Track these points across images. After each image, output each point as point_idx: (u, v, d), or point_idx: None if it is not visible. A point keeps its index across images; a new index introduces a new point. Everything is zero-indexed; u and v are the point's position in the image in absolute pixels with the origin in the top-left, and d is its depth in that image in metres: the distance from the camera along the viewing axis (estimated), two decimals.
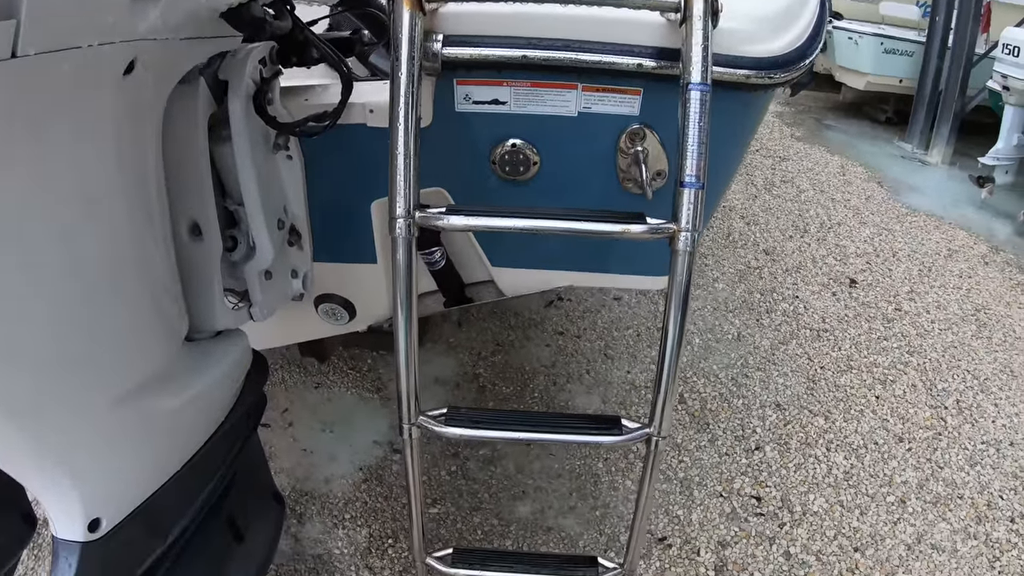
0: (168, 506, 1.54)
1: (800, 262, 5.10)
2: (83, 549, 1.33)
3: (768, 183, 6.56)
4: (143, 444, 1.43)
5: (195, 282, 1.66)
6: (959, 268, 4.88)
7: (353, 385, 3.87)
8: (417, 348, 1.74)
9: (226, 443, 1.73)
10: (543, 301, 4.66)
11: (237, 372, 1.75)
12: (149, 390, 1.41)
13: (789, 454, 3.46)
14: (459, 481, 3.35)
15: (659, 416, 1.77)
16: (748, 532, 3.09)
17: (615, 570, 2.03)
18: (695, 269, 1.70)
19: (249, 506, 1.90)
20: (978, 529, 3.04)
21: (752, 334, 4.34)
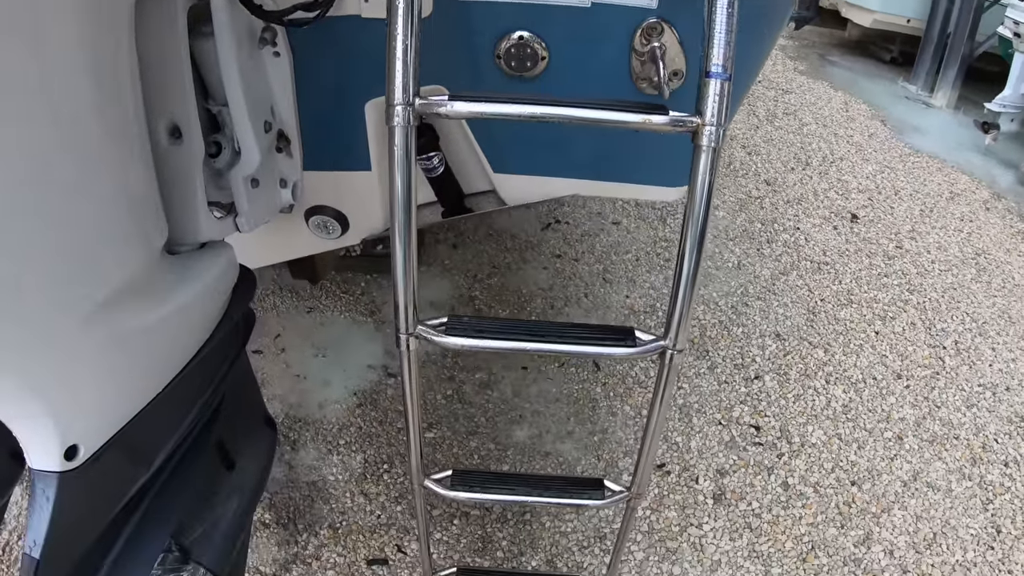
0: (151, 431, 1.36)
1: (801, 194, 4.87)
2: (61, 479, 1.16)
3: (770, 114, 6.27)
4: (120, 363, 1.24)
5: (176, 189, 1.45)
6: (960, 211, 4.68)
7: (346, 309, 3.66)
8: (416, 253, 1.50)
9: (212, 363, 1.54)
10: (540, 224, 4.43)
11: (222, 286, 1.54)
12: (124, 304, 1.21)
13: (788, 384, 3.30)
14: (455, 405, 3.18)
15: (675, 328, 1.53)
16: (747, 461, 2.95)
17: (622, 493, 1.84)
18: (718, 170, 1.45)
19: (239, 431, 1.71)
20: (973, 471, 2.92)
21: (752, 263, 4.14)
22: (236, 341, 1.65)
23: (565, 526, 2.73)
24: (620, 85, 1.89)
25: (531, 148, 2.09)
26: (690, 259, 1.48)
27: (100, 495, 1.29)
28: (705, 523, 2.74)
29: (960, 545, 2.64)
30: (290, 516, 2.69)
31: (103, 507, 1.32)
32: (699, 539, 2.69)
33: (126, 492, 1.34)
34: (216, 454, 1.55)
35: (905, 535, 2.68)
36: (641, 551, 2.66)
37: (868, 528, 2.70)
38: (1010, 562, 2.59)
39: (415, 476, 1.81)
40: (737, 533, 2.70)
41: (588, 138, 2.00)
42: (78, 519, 1.25)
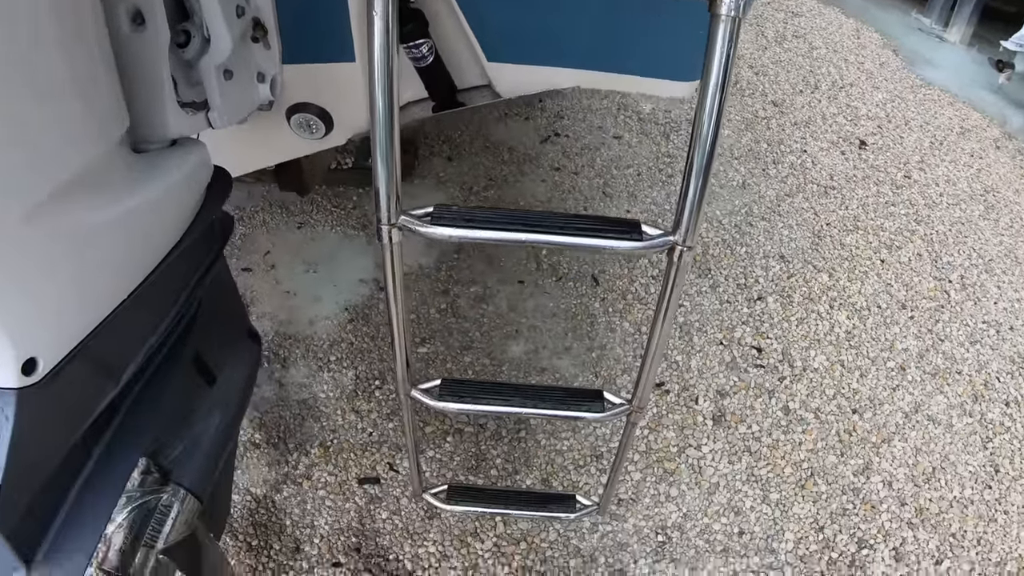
0: (118, 342, 1.17)
1: (809, 117, 4.60)
2: (19, 397, 0.99)
3: (779, 36, 5.90)
4: (79, 266, 1.06)
5: (140, 80, 1.23)
6: (971, 147, 4.43)
7: (337, 223, 3.43)
8: (399, 132, 1.24)
9: (184, 267, 1.34)
10: (539, 137, 4.16)
11: (193, 185, 1.33)
12: (77, 198, 1.03)
13: (792, 307, 3.13)
14: (449, 319, 2.99)
15: (685, 221, 1.30)
16: (747, 383, 2.80)
17: (623, 406, 1.66)
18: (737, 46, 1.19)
19: (219, 344, 1.52)
20: (974, 407, 2.79)
21: (757, 183, 3.91)
22: (211, 245, 1.43)
23: (561, 444, 2.60)
24: None
25: (528, 34, 1.84)
26: (704, 146, 1.24)
27: (64, 413, 1.11)
28: (704, 445, 2.61)
29: (958, 482, 2.53)
30: (280, 435, 2.54)
31: (68, 426, 1.13)
32: (697, 461, 2.56)
33: (93, 409, 1.15)
34: (194, 368, 1.35)
35: (904, 467, 2.56)
36: (638, 471, 2.53)
37: (868, 458, 2.58)
38: (1007, 503, 2.49)
39: (401, 385, 1.60)
40: (736, 456, 2.58)
41: (591, 24, 1.76)
42: (41, 439, 1.08)
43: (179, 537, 1.39)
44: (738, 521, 2.41)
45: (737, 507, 2.44)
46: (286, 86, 1.78)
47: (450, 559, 2.28)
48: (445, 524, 2.36)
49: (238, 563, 2.22)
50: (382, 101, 1.22)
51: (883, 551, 2.34)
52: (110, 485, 1.20)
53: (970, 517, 2.44)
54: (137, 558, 1.33)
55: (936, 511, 2.45)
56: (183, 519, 1.39)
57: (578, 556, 2.32)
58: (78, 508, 1.17)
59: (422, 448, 2.54)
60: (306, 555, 2.25)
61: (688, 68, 1.82)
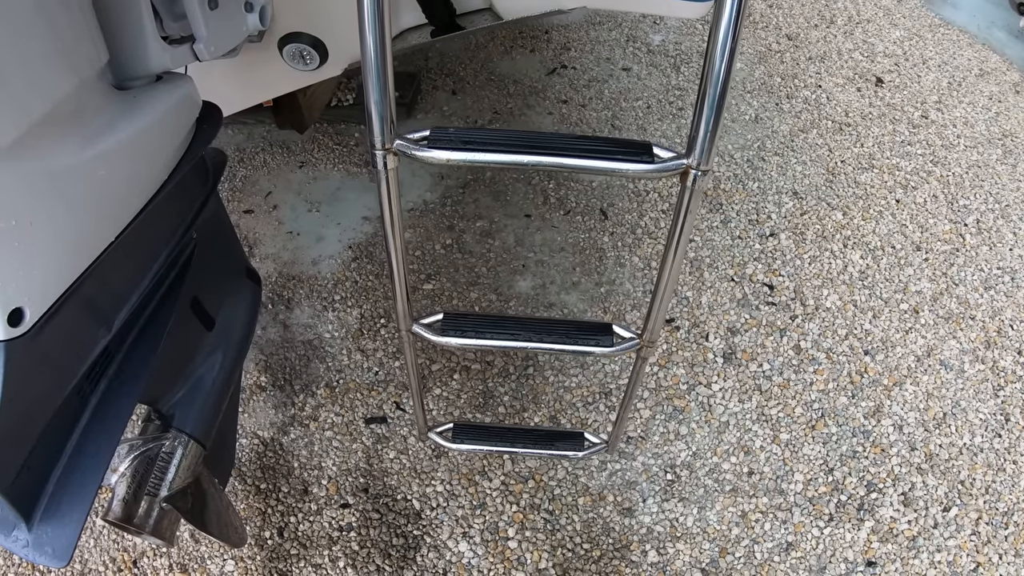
0: (109, 286, 1.10)
1: (825, 52, 4.39)
2: (7, 348, 0.93)
3: None
4: (59, 208, 0.97)
5: (119, 11, 1.13)
6: (989, 90, 4.24)
7: (340, 161, 3.29)
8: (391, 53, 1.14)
9: (175, 206, 1.24)
10: (545, 69, 3.97)
11: (180, 120, 1.22)
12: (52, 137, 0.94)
13: (804, 245, 3.02)
14: (455, 255, 2.88)
15: (700, 143, 1.18)
16: (759, 321, 2.72)
17: (633, 340, 1.56)
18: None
19: (217, 286, 1.43)
20: (986, 354, 2.70)
21: (771, 117, 3.75)
22: (203, 183, 1.32)
23: (569, 381, 2.53)
24: None
25: None
26: (721, 64, 1.11)
27: (56, 362, 1.04)
28: (714, 382, 2.54)
29: (969, 428, 2.47)
30: (286, 377, 2.46)
31: (61, 375, 1.06)
32: (707, 399, 2.50)
33: (86, 357, 1.06)
34: (191, 310, 1.25)
35: (915, 411, 2.50)
36: (647, 408, 2.47)
37: (879, 400, 2.52)
38: (1015, 452, 2.42)
39: (402, 321, 1.50)
40: (746, 395, 2.51)
41: None
42: (33, 391, 1.01)
43: (183, 484, 1.32)
44: (747, 461, 2.36)
45: (747, 447, 2.39)
46: (276, 15, 1.66)
47: (458, 498, 2.24)
48: (453, 463, 2.31)
49: (247, 507, 2.17)
50: (373, 19, 1.09)
51: (892, 495, 2.29)
52: (107, 435, 1.12)
53: (979, 465, 2.39)
54: (141, 507, 1.27)
55: (946, 457, 2.40)
56: (186, 465, 1.32)
57: (586, 494, 2.28)
58: (76, 460, 1.10)
59: (429, 386, 2.47)
60: (314, 497, 2.20)
61: None
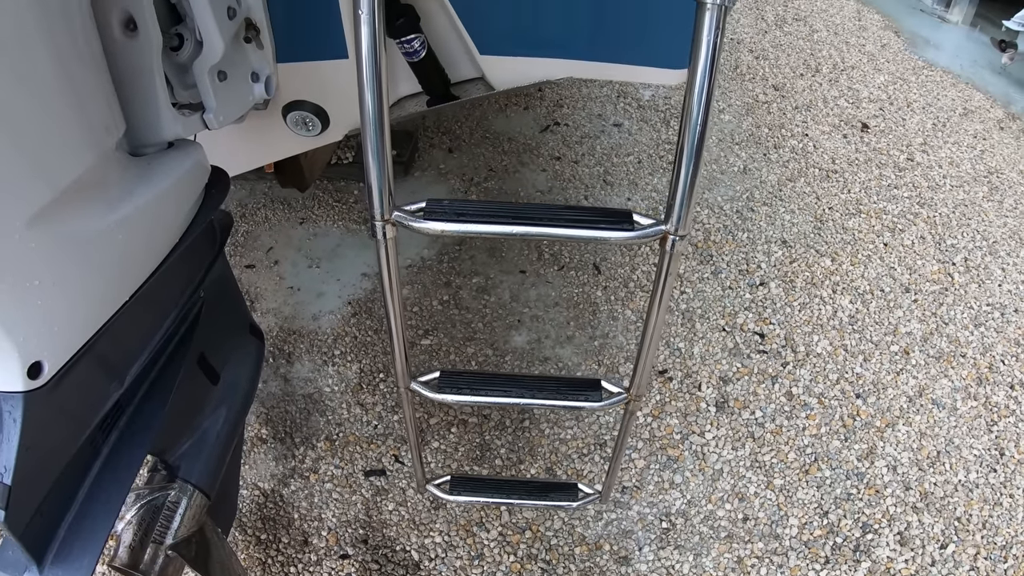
0: (122, 343, 1.20)
1: (811, 100, 4.59)
2: (26, 400, 1.01)
3: (779, 19, 5.88)
4: (78, 270, 1.07)
5: (134, 85, 1.25)
6: (974, 128, 4.42)
7: (339, 218, 3.46)
8: (389, 133, 1.28)
9: (185, 268, 1.36)
10: (539, 126, 4.17)
11: (190, 186, 1.35)
12: (76, 205, 1.05)
13: (794, 292, 3.14)
14: (452, 311, 3.01)
15: (677, 210, 1.30)
16: (750, 369, 2.81)
17: (620, 395, 1.68)
18: (724, 34, 1.20)
19: (223, 341, 1.54)
20: (978, 391, 2.80)
21: (759, 168, 3.91)
22: (211, 245, 1.45)
23: (565, 433, 2.62)
24: None
25: (520, 26, 1.84)
26: (693, 134, 1.25)
27: (71, 413, 1.14)
28: (707, 431, 2.63)
29: (963, 465, 2.55)
30: (287, 430, 2.56)
31: (75, 426, 1.16)
32: (701, 447, 2.58)
33: (99, 409, 1.17)
34: (198, 366, 1.37)
35: (909, 452, 2.58)
36: (642, 459, 2.55)
37: (872, 442, 2.60)
38: (1012, 486, 2.50)
39: (401, 379, 1.62)
40: (740, 442, 2.59)
41: (582, 14, 1.77)
42: (49, 440, 1.10)
43: (188, 533, 1.42)
44: (742, 507, 2.43)
45: (741, 493, 2.46)
46: (281, 84, 1.80)
47: (456, 548, 2.31)
48: (451, 514, 2.38)
49: (247, 557, 2.25)
50: (371, 97, 1.23)
51: (888, 535, 2.36)
52: (118, 483, 1.22)
53: (975, 501, 2.46)
54: (147, 554, 1.36)
55: (941, 495, 2.47)
56: (191, 515, 1.42)
57: (583, 544, 2.34)
58: (87, 507, 1.20)
59: (427, 439, 2.57)
60: (314, 548, 2.28)
61: (679, 56, 1.83)
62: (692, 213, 1.42)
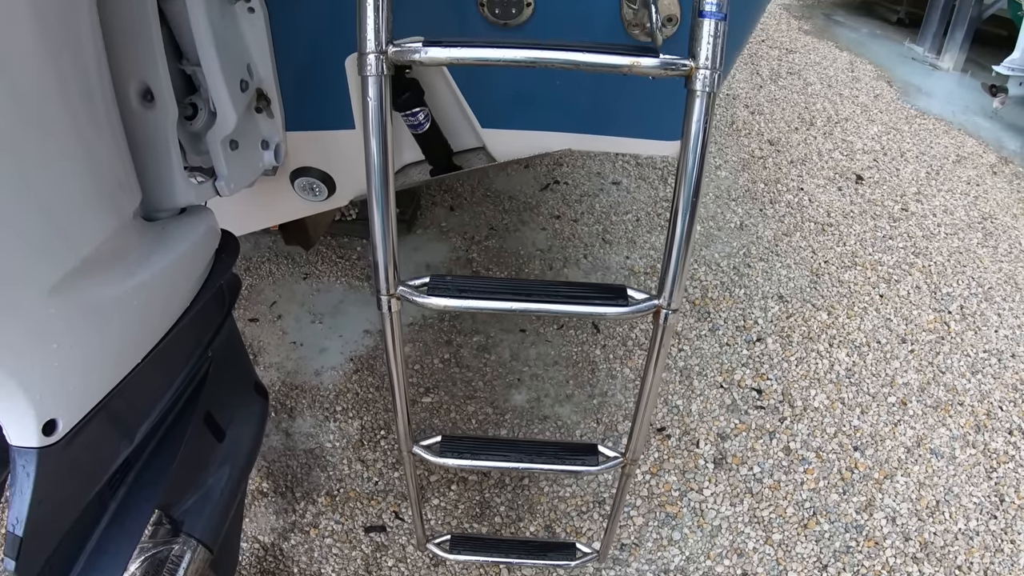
0: (133, 402, 1.29)
1: (805, 154, 4.76)
2: (40, 455, 1.10)
3: (774, 74, 6.11)
4: (95, 334, 1.17)
5: (150, 154, 1.37)
6: (967, 175, 4.58)
7: (342, 274, 3.60)
8: (395, 210, 1.42)
9: (195, 330, 1.47)
10: (538, 185, 4.33)
11: (202, 252, 1.46)
12: (95, 272, 1.15)
13: (791, 347, 3.24)
14: (452, 369, 3.11)
15: (669, 286, 1.44)
16: (748, 425, 2.89)
17: (616, 459, 1.78)
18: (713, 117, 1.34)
19: (228, 400, 1.65)
20: (977, 438, 2.87)
21: (755, 224, 4.05)
22: (220, 307, 1.57)
23: (564, 491, 2.69)
24: (611, 33, 1.76)
25: (520, 101, 1.98)
26: (684, 212, 1.39)
27: (82, 469, 1.23)
28: (706, 488, 2.69)
29: (963, 513, 2.60)
30: (288, 484, 2.65)
31: (86, 481, 1.25)
32: (699, 504, 2.65)
33: (109, 465, 1.27)
34: (205, 424, 1.48)
35: (908, 502, 2.64)
36: (640, 516, 2.62)
37: (870, 494, 2.66)
38: (1013, 532, 2.55)
39: (403, 443, 1.74)
40: (738, 498, 2.66)
41: (580, 90, 1.90)
42: (61, 494, 1.19)
43: None
44: (741, 563, 2.49)
45: (740, 549, 2.52)
46: (289, 151, 1.93)
47: None
48: (450, 572, 2.45)
49: None
50: (378, 181, 1.37)
51: None
52: (126, 537, 1.31)
53: (976, 548, 2.51)
54: None
55: (941, 544, 2.52)
56: (194, 569, 1.50)
57: None
58: (96, 559, 1.29)
59: (427, 496, 2.64)
60: None
61: (672, 128, 1.98)
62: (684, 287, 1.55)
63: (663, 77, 1.34)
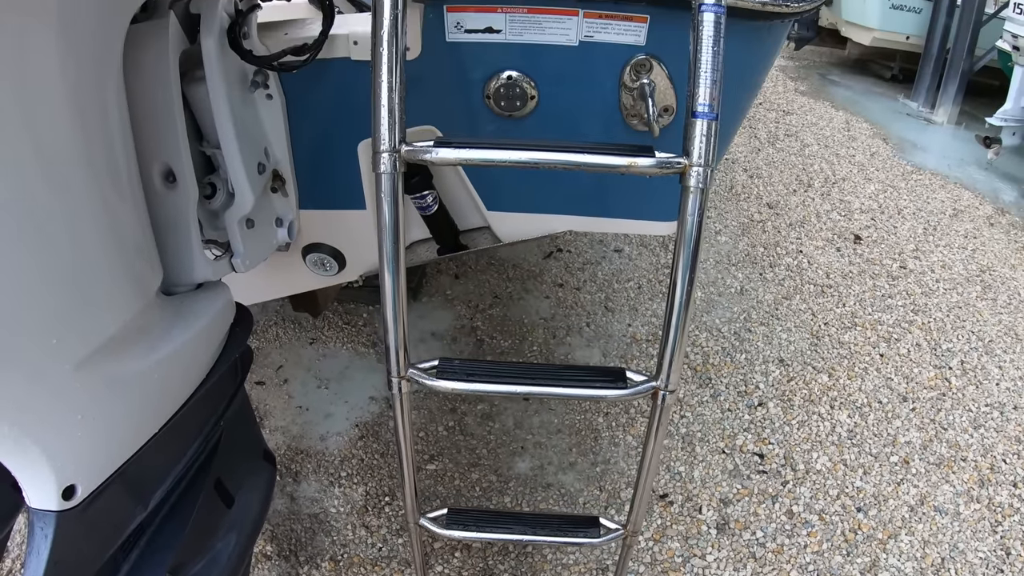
0: (149, 470, 1.41)
1: (804, 216, 4.93)
2: (58, 518, 1.20)
3: (772, 136, 6.35)
4: (116, 406, 1.29)
5: (171, 232, 1.51)
6: (964, 228, 4.74)
7: (348, 340, 3.74)
8: (406, 295, 1.58)
9: (210, 401, 1.59)
10: (542, 253, 4.50)
11: (218, 326, 1.59)
12: (118, 349, 1.26)
13: (792, 411, 3.34)
14: (457, 437, 3.23)
15: (667, 368, 1.59)
16: (751, 490, 2.98)
17: (618, 531, 1.89)
18: (707, 209, 1.50)
19: (238, 467, 1.76)
20: (981, 493, 2.94)
21: (755, 288, 4.19)
22: (234, 379, 1.71)
23: (567, 559, 2.76)
24: (610, 122, 1.94)
25: (524, 186, 2.15)
26: (680, 300, 1.54)
27: (98, 533, 1.33)
28: (709, 554, 2.76)
29: (969, 569, 2.66)
30: (292, 548, 2.74)
31: (101, 545, 1.35)
32: (702, 570, 2.71)
33: (124, 529, 1.38)
34: (215, 490, 1.60)
35: (912, 561, 2.70)
36: None
37: (875, 555, 2.73)
38: None
39: (410, 515, 1.87)
40: (741, 563, 2.73)
41: (581, 175, 2.05)
42: (76, 557, 1.29)
43: None
44: None
45: None
46: (302, 228, 2.09)
47: None
48: None
49: None
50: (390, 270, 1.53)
51: None
52: None
53: None
54: None
55: None
56: None
57: None
58: None
59: (431, 563, 2.72)
60: None
61: (668, 209, 2.10)
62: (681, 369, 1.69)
63: (659, 175, 1.49)
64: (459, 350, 3.66)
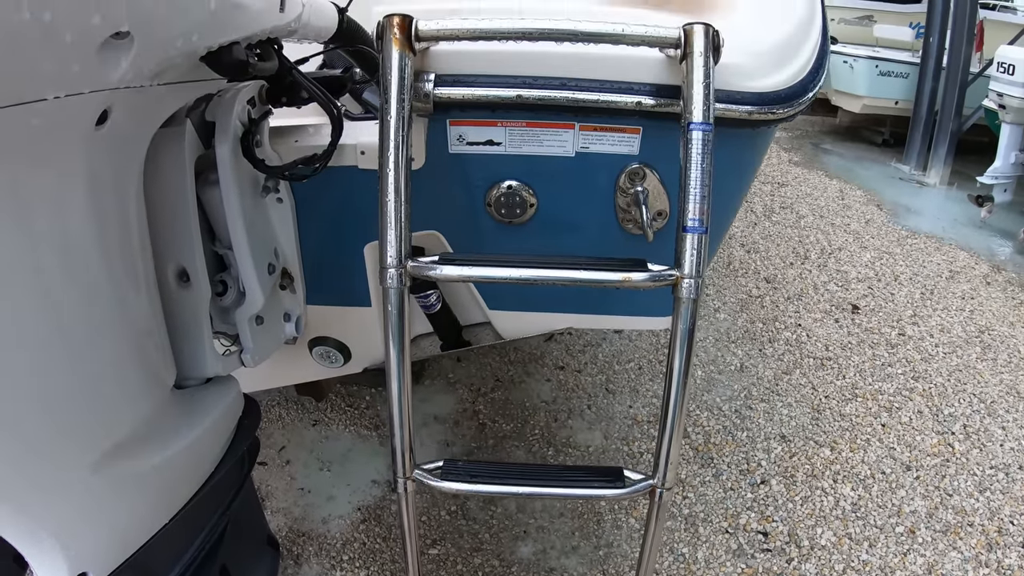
0: (158, 558, 1.51)
1: (801, 289, 5.16)
2: None
3: (767, 210, 6.63)
4: (129, 499, 1.41)
5: (183, 329, 1.64)
6: (961, 290, 4.94)
7: (351, 423, 3.89)
8: (411, 400, 1.72)
9: (218, 492, 1.70)
10: (543, 336, 4.69)
11: (228, 420, 1.72)
12: (133, 446, 1.38)
13: (795, 487, 3.48)
14: (459, 521, 3.36)
15: (663, 466, 1.73)
16: (755, 569, 3.11)
17: None
18: (699, 313, 1.70)
19: (243, 553, 1.87)
20: (989, 557, 3.06)
21: (755, 364, 4.38)
22: (241, 470, 1.84)
23: None
24: (607, 227, 2.08)
25: (525, 286, 2.24)
26: (675, 400, 1.69)
27: None
28: None
29: None
30: None
31: None
32: None
33: None
34: None
35: None
36: None
37: None
38: None
39: None
40: None
41: None
42: None
43: None
44: None
45: None
46: (309, 322, 2.24)
47: None
48: None
49: None
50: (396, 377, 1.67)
51: None
52: None
53: None
54: None
55: None
56: None
57: None
58: None
59: None
60: None
61: (663, 306, 2.16)
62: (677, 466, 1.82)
63: (652, 288, 1.65)
64: (461, 434, 3.82)
